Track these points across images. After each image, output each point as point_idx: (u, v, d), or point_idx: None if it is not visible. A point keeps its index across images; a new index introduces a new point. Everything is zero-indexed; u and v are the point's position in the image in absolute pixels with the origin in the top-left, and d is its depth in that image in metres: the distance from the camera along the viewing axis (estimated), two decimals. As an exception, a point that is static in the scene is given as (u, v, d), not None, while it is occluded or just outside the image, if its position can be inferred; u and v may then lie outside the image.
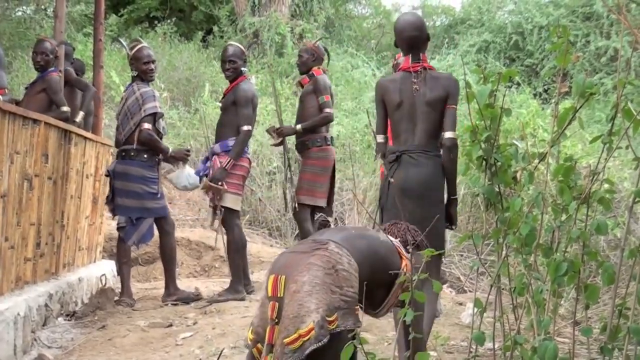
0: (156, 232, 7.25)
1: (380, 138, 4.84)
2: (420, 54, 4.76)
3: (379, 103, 4.81)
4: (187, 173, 7.35)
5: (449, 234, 9.21)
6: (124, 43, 7.49)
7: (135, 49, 7.17)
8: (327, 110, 7.39)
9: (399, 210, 4.27)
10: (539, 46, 17.16)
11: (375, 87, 4.90)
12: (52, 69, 7.36)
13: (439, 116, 4.64)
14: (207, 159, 7.24)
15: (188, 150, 7.46)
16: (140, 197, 6.98)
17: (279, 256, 3.02)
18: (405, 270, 3.07)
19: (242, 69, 7.10)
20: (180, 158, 7.27)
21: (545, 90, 16.03)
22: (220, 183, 6.86)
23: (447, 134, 4.63)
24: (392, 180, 4.55)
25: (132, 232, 7.10)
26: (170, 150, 7.18)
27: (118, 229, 7.14)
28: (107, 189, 7.31)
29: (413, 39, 4.76)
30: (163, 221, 7.13)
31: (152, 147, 7.01)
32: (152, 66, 7.15)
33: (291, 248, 2.97)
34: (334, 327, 2.79)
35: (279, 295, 2.83)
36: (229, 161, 6.86)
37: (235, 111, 6.96)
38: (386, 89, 4.75)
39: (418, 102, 4.66)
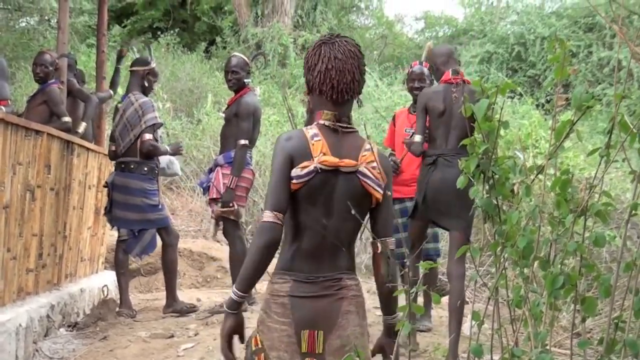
0: (159, 243, 7.26)
1: (417, 138, 5.52)
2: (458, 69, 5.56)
3: (422, 110, 5.51)
4: (169, 159, 7.40)
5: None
6: (152, 51, 7.47)
7: (155, 63, 7.24)
8: None
9: (429, 208, 5.36)
10: (541, 57, 17.19)
11: (419, 96, 5.67)
12: (53, 80, 7.38)
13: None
14: (210, 169, 7.24)
15: (180, 144, 7.52)
16: (142, 209, 6.99)
17: (299, 304, 2.77)
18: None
19: (245, 80, 7.09)
20: (177, 152, 7.33)
21: (548, 101, 16.04)
22: (230, 204, 6.82)
23: None
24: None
25: (134, 244, 7.10)
26: (169, 149, 7.24)
27: (119, 241, 7.13)
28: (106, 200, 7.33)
29: (453, 54, 5.69)
30: (165, 232, 7.14)
31: (155, 155, 7.03)
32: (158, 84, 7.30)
33: (303, 289, 2.82)
34: None
35: (317, 352, 2.79)
36: (232, 180, 6.81)
37: (237, 123, 6.95)
38: (430, 97, 5.48)
39: (455, 110, 5.32)
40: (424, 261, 2.90)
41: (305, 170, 2.71)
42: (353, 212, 2.70)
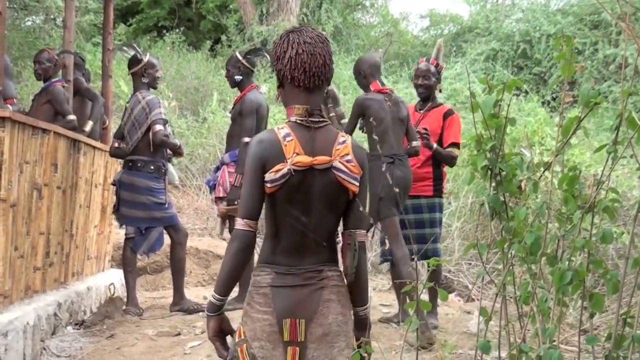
0: (167, 241, 7.28)
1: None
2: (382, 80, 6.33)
3: (357, 116, 6.13)
4: (170, 171, 7.43)
5: (457, 241, 9.22)
6: (138, 49, 7.49)
7: (149, 55, 7.23)
8: (344, 121, 7.39)
9: (395, 201, 5.91)
10: (547, 54, 17.16)
11: (357, 102, 6.17)
12: (57, 79, 7.41)
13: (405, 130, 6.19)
14: (217, 168, 7.24)
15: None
16: (148, 207, 7.01)
17: (280, 293, 2.78)
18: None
19: (237, 77, 7.09)
20: (178, 153, 7.34)
21: (554, 99, 16.02)
22: (236, 202, 6.82)
23: (414, 143, 6.18)
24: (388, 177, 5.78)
25: (141, 242, 7.12)
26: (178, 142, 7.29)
27: (127, 239, 7.15)
28: (114, 198, 7.34)
29: (379, 65, 6.36)
30: (173, 230, 7.15)
31: (167, 146, 7.05)
32: (161, 73, 7.30)
33: (285, 280, 2.82)
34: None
35: (299, 340, 2.80)
36: (237, 178, 6.81)
37: (241, 121, 6.95)
38: (369, 105, 6.08)
39: (393, 117, 6.11)
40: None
41: (280, 174, 2.71)
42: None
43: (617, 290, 2.67)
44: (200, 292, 8.19)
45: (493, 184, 2.97)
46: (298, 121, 2.79)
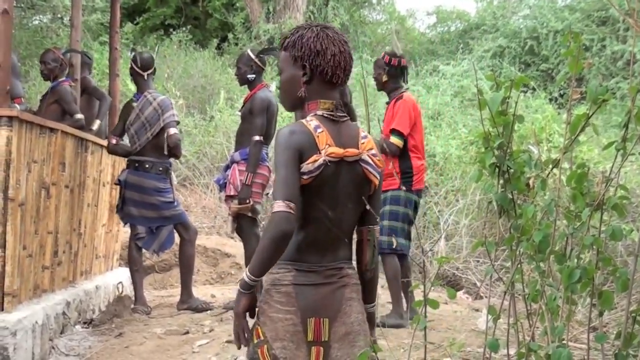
0: (176, 239, 7.28)
1: None
2: None
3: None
4: None
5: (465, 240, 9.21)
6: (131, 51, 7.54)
7: (137, 54, 7.32)
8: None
9: None
10: (554, 51, 17.11)
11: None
12: (64, 78, 7.42)
13: None
14: (227, 166, 7.22)
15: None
16: (157, 207, 7.01)
17: (304, 292, 2.74)
18: None
19: (249, 76, 7.08)
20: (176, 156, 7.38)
21: (561, 95, 15.97)
22: (247, 201, 6.81)
23: None
24: None
25: (151, 241, 7.13)
26: None
27: (137, 239, 7.14)
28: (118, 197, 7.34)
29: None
30: (183, 228, 7.15)
31: (178, 149, 7.05)
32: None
33: (307, 278, 2.78)
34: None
35: (323, 340, 2.78)
36: (247, 176, 6.80)
37: (252, 120, 6.94)
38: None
39: None
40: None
41: (316, 164, 2.68)
42: (363, 198, 2.75)
43: (627, 287, 2.66)
44: (208, 291, 8.19)
45: (501, 182, 2.96)
46: (325, 115, 2.77)
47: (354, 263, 2.89)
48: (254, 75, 7.08)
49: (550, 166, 2.96)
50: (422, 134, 6.60)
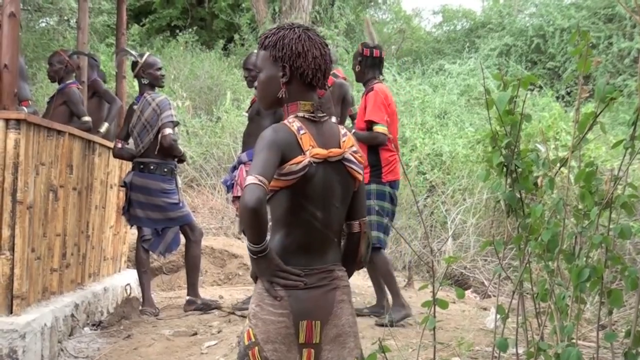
0: (182, 241, 7.29)
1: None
2: None
3: None
4: None
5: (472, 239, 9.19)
6: (133, 52, 7.50)
7: (146, 55, 7.22)
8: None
9: None
10: (560, 49, 17.09)
11: None
12: (72, 81, 7.44)
13: None
14: (234, 167, 7.21)
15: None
16: (163, 209, 7.01)
17: (296, 295, 2.75)
18: None
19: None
20: (183, 161, 7.36)
21: (568, 93, 15.95)
22: None
23: None
24: None
25: (158, 243, 7.13)
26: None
27: (143, 241, 7.14)
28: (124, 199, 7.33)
29: None
30: (189, 229, 7.16)
31: (174, 151, 7.01)
32: (163, 72, 7.26)
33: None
34: None
35: (314, 342, 2.79)
36: None
37: (259, 121, 6.93)
38: None
39: None
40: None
41: (300, 165, 2.68)
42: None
43: (636, 286, 2.65)
44: (216, 292, 8.20)
45: (509, 181, 2.96)
46: (306, 116, 2.78)
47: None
48: None
49: (559, 165, 2.95)
50: (395, 125, 6.59)
